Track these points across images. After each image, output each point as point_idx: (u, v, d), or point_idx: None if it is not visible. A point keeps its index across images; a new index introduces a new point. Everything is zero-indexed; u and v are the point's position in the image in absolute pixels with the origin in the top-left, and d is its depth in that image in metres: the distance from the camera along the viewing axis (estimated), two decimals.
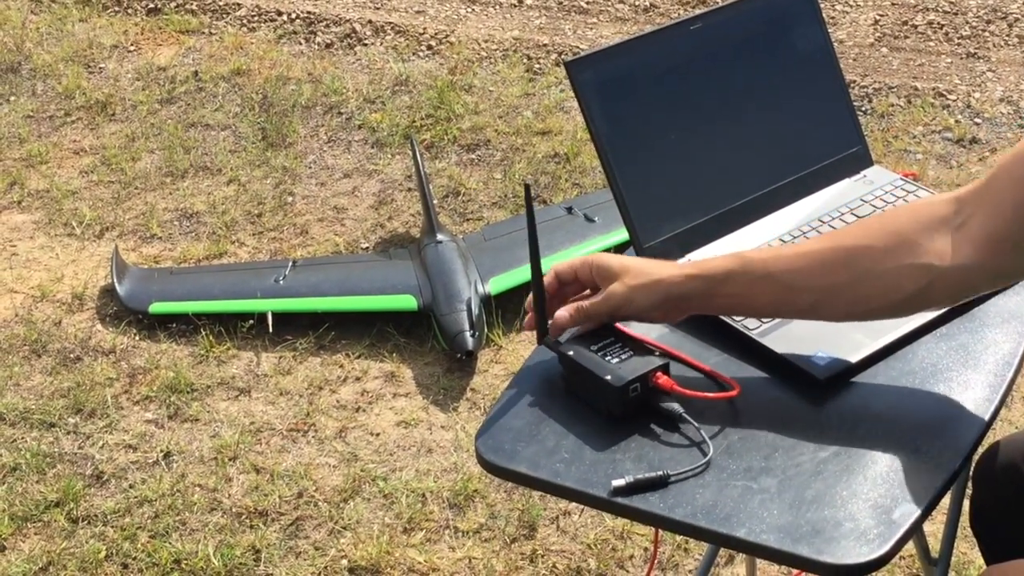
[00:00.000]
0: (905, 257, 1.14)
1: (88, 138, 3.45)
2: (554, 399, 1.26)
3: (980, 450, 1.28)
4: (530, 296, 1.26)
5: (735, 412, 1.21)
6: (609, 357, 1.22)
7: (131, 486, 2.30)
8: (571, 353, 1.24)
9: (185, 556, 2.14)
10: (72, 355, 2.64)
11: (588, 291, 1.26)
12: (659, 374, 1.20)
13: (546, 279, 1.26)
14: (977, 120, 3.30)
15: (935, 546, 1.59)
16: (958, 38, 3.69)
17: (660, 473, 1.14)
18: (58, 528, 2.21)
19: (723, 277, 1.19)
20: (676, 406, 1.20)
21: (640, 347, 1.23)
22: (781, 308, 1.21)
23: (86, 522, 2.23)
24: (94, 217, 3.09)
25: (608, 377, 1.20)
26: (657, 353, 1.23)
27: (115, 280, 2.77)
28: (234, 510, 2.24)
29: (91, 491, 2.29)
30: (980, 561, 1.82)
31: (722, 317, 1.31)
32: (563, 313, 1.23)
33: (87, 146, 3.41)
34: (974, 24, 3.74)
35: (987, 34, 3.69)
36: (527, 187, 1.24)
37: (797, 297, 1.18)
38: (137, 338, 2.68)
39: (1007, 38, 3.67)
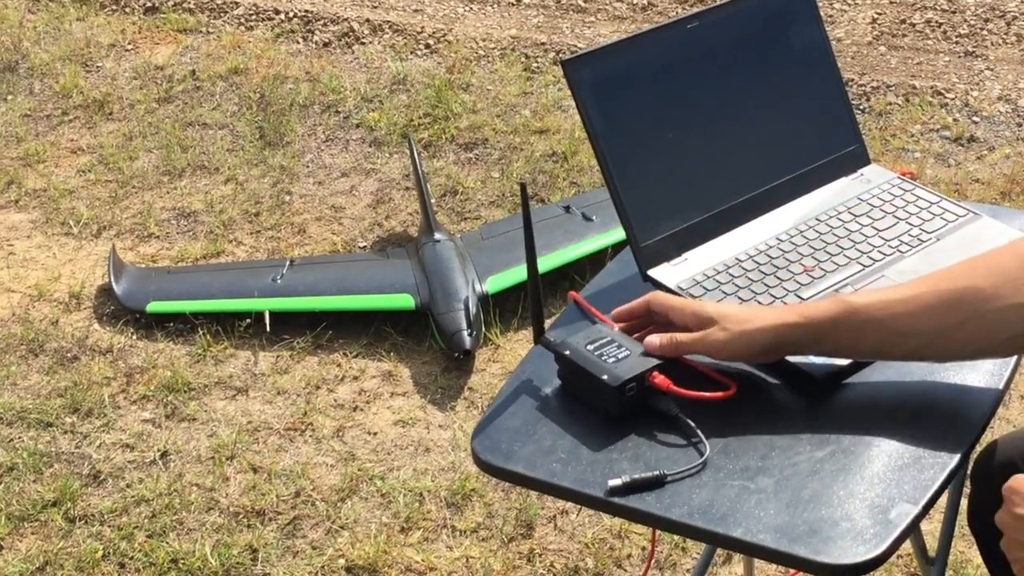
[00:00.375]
0: (1012, 296, 1.14)
1: (85, 137, 3.45)
2: (551, 398, 1.26)
3: (978, 449, 1.28)
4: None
5: (731, 412, 1.21)
6: (606, 357, 1.21)
7: (128, 486, 2.30)
8: (567, 352, 1.23)
9: (182, 556, 2.14)
10: (69, 354, 2.63)
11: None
12: (656, 374, 1.20)
13: (638, 302, 1.27)
14: (975, 119, 3.29)
15: (932, 545, 1.59)
16: (956, 36, 3.68)
17: (656, 473, 1.14)
18: (55, 528, 2.21)
19: (829, 325, 1.18)
20: (672, 406, 1.19)
21: (637, 347, 1.23)
22: (887, 352, 1.20)
23: (83, 522, 2.22)
24: (91, 216, 3.09)
25: (604, 377, 1.19)
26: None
27: (112, 279, 2.77)
28: (231, 509, 2.24)
29: (88, 491, 2.29)
30: (978, 560, 1.82)
31: None
32: (654, 340, 1.22)
33: (84, 145, 3.41)
34: (972, 22, 3.74)
35: (985, 32, 3.69)
36: (523, 186, 1.23)
37: (904, 341, 1.18)
38: (134, 337, 2.68)
39: (1005, 36, 3.67)
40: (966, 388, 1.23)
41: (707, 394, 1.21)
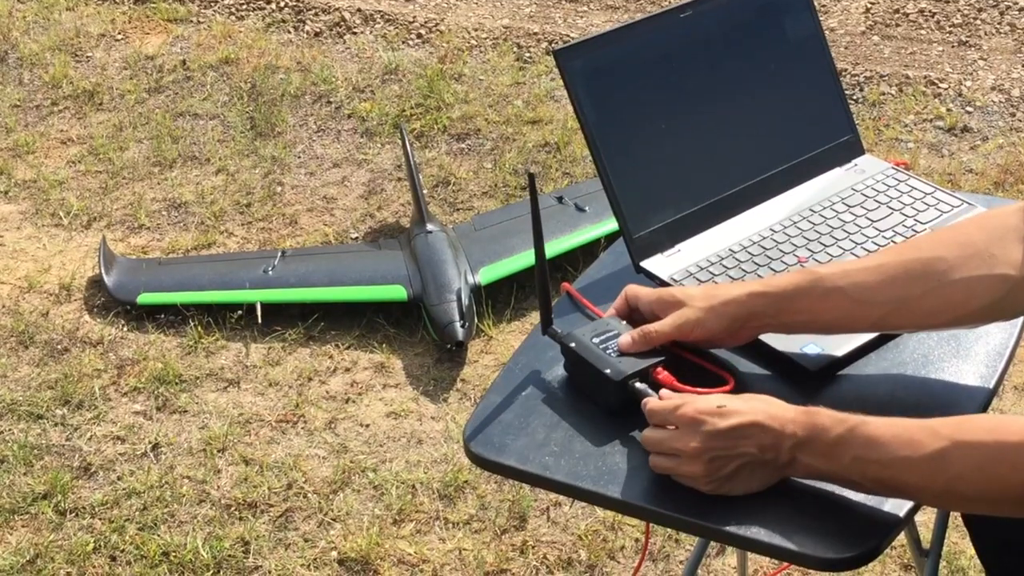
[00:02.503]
0: (979, 268, 1.14)
1: (75, 128, 3.43)
2: (543, 391, 1.26)
3: None
4: None
5: None
6: (610, 351, 1.21)
7: (119, 478, 2.29)
8: (573, 345, 1.23)
9: (173, 548, 2.13)
10: (60, 346, 2.62)
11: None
12: (659, 369, 1.20)
13: (619, 301, 1.27)
14: (968, 109, 3.29)
15: (926, 537, 1.58)
16: (949, 26, 3.68)
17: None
18: (45, 520, 2.20)
19: (791, 294, 1.18)
20: None
21: None
22: (851, 323, 1.20)
23: (74, 514, 2.21)
24: (81, 207, 3.07)
25: (608, 371, 1.19)
26: (658, 348, 1.22)
27: (103, 271, 2.76)
28: (223, 502, 2.23)
29: (79, 483, 2.28)
30: (971, 551, 1.82)
31: None
32: (626, 339, 1.22)
33: (74, 136, 3.39)
34: (965, 12, 3.73)
35: (978, 22, 3.68)
36: (531, 176, 1.23)
37: (868, 311, 1.18)
38: (125, 329, 2.67)
39: (999, 26, 3.66)
40: (960, 379, 1.23)
41: (706, 389, 1.20)
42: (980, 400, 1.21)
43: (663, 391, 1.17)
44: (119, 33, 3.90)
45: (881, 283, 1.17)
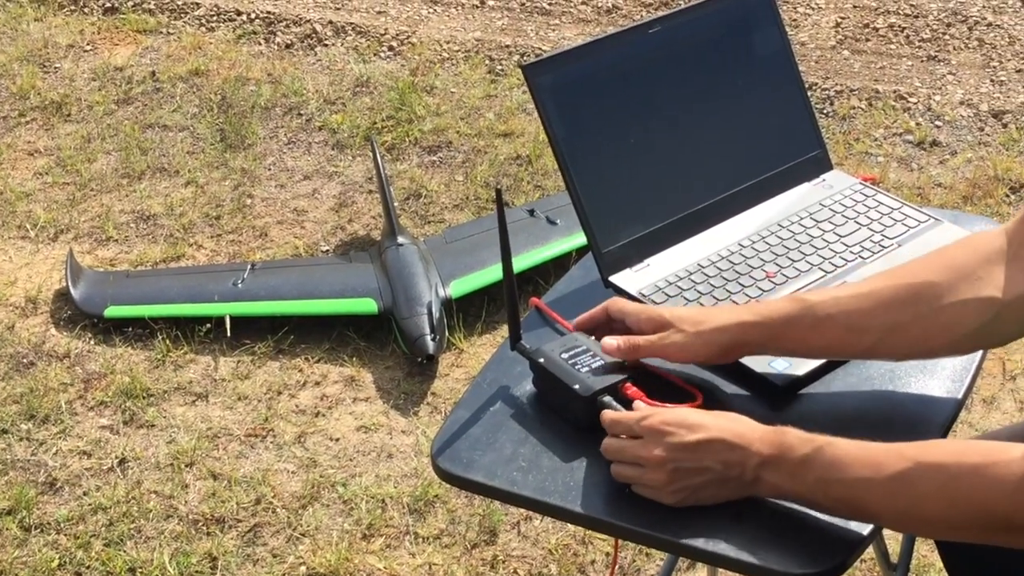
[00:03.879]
0: (967, 291, 1.14)
1: (43, 139, 3.40)
2: (512, 406, 1.25)
3: None
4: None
5: None
6: (579, 366, 1.21)
7: (85, 493, 2.26)
8: (542, 360, 1.23)
9: (140, 564, 2.11)
10: (25, 360, 2.59)
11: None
12: (628, 384, 1.19)
13: (597, 309, 1.26)
14: (938, 123, 3.31)
15: (895, 550, 1.58)
16: (919, 41, 3.70)
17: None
18: (10, 536, 2.17)
19: (782, 322, 1.17)
20: None
21: (611, 357, 1.22)
22: (843, 350, 1.20)
23: (39, 530, 2.19)
24: (48, 219, 3.04)
25: (576, 386, 1.19)
26: (626, 363, 1.22)
27: (70, 283, 2.73)
28: (190, 517, 2.21)
29: (44, 498, 2.26)
30: (939, 564, 1.82)
31: None
32: (612, 342, 1.21)
33: (41, 147, 3.36)
34: (934, 27, 3.77)
35: (947, 37, 3.71)
36: (498, 192, 1.23)
37: (859, 338, 1.17)
38: (92, 342, 2.64)
39: (967, 41, 3.69)
40: (927, 393, 1.23)
41: (676, 404, 1.20)
42: (947, 414, 1.21)
43: (636, 403, 1.16)
44: (88, 44, 3.88)
45: (872, 309, 1.16)
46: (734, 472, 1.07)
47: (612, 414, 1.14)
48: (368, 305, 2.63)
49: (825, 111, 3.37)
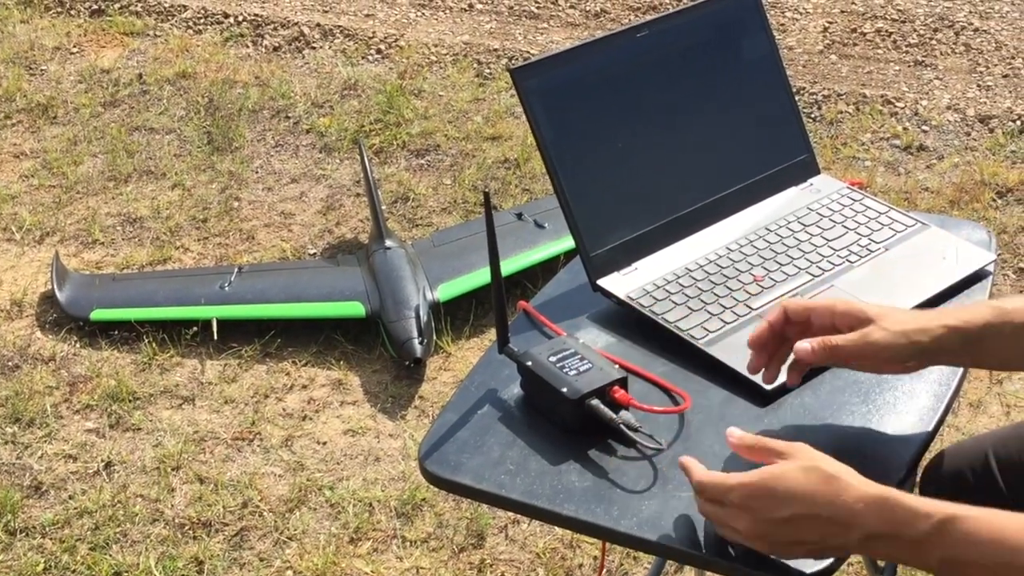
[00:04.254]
0: None
1: (29, 141, 3.39)
2: (500, 409, 1.25)
3: (928, 456, 1.28)
4: None
5: (684, 423, 1.21)
6: (567, 369, 1.21)
7: (71, 497, 2.25)
8: (530, 363, 1.23)
9: (126, 568, 2.10)
10: (10, 363, 2.58)
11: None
12: (616, 388, 1.19)
13: (772, 316, 1.18)
14: (924, 128, 3.32)
15: None
16: (906, 46, 3.72)
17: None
18: None
19: (983, 333, 1.11)
20: (631, 419, 1.18)
21: (599, 360, 1.22)
22: None
23: (24, 534, 2.17)
24: (34, 222, 3.03)
25: (564, 389, 1.19)
26: (616, 367, 1.21)
27: (55, 286, 2.72)
28: (177, 521, 2.20)
29: (29, 502, 2.24)
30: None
31: (667, 325, 1.30)
32: (805, 346, 1.13)
33: (28, 149, 3.35)
34: (922, 32, 3.78)
35: (934, 42, 3.73)
36: (486, 195, 1.22)
37: None
38: (78, 346, 2.63)
39: (954, 46, 3.70)
40: (915, 397, 1.23)
41: (664, 409, 1.20)
42: (933, 418, 1.21)
43: (734, 432, 1.09)
44: (74, 46, 3.87)
45: None
46: (835, 542, 1.00)
47: (700, 476, 1.05)
48: (356, 308, 2.62)
49: (813, 115, 3.38)
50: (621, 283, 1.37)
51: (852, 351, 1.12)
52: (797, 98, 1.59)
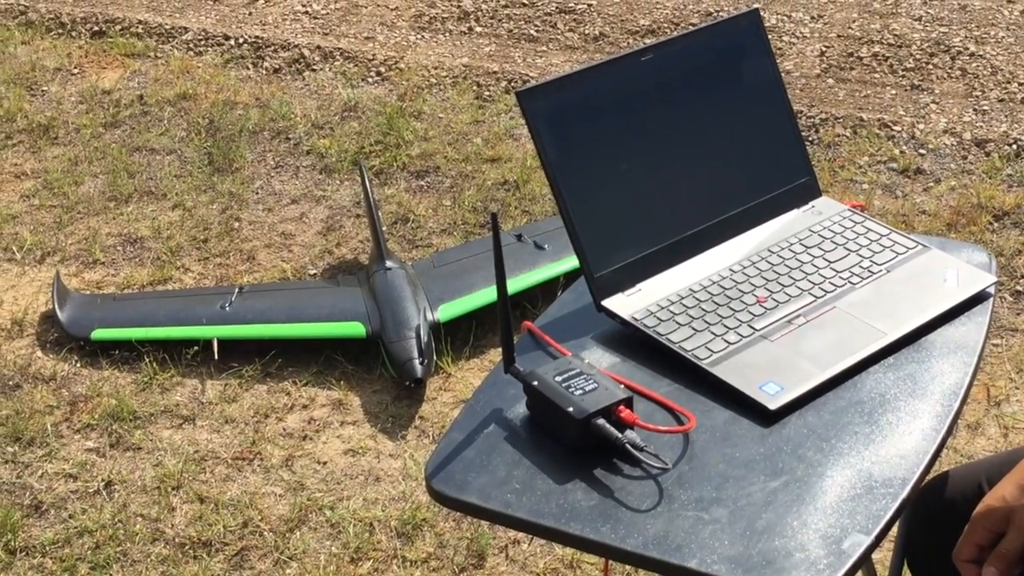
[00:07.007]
0: None
1: (30, 161, 3.40)
2: (505, 429, 1.25)
3: (927, 478, 1.29)
4: None
5: (688, 442, 1.21)
6: (573, 389, 1.21)
7: (71, 516, 2.25)
8: (536, 383, 1.23)
9: None
10: (11, 382, 2.58)
11: None
12: (622, 408, 1.20)
13: (968, 534, 1.20)
14: (921, 151, 3.34)
15: (884, 574, 1.59)
16: (902, 70, 3.74)
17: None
18: None
19: None
20: (636, 438, 1.19)
21: (605, 380, 1.23)
22: None
23: (24, 553, 2.17)
24: (35, 242, 3.04)
25: (570, 409, 1.19)
26: (621, 387, 1.22)
27: (56, 306, 2.73)
28: (177, 540, 2.20)
29: (29, 521, 2.24)
30: None
31: (672, 346, 1.31)
32: (990, 570, 1.17)
33: (28, 170, 3.36)
34: (918, 57, 3.81)
35: (931, 67, 3.76)
36: (494, 216, 1.23)
37: None
38: (79, 365, 2.64)
39: (950, 71, 3.73)
40: (916, 417, 1.24)
41: (670, 429, 1.20)
42: (935, 439, 1.22)
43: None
44: (75, 67, 3.88)
45: None
46: None
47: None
48: (356, 328, 2.63)
49: (810, 138, 3.40)
50: (625, 304, 1.38)
51: (1018, 547, 1.15)
52: (797, 122, 1.61)
